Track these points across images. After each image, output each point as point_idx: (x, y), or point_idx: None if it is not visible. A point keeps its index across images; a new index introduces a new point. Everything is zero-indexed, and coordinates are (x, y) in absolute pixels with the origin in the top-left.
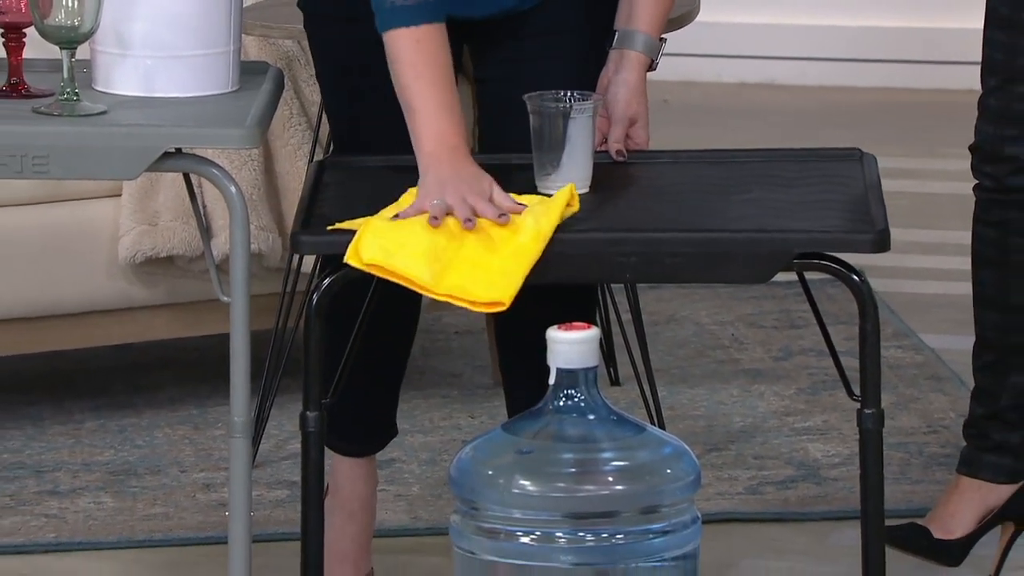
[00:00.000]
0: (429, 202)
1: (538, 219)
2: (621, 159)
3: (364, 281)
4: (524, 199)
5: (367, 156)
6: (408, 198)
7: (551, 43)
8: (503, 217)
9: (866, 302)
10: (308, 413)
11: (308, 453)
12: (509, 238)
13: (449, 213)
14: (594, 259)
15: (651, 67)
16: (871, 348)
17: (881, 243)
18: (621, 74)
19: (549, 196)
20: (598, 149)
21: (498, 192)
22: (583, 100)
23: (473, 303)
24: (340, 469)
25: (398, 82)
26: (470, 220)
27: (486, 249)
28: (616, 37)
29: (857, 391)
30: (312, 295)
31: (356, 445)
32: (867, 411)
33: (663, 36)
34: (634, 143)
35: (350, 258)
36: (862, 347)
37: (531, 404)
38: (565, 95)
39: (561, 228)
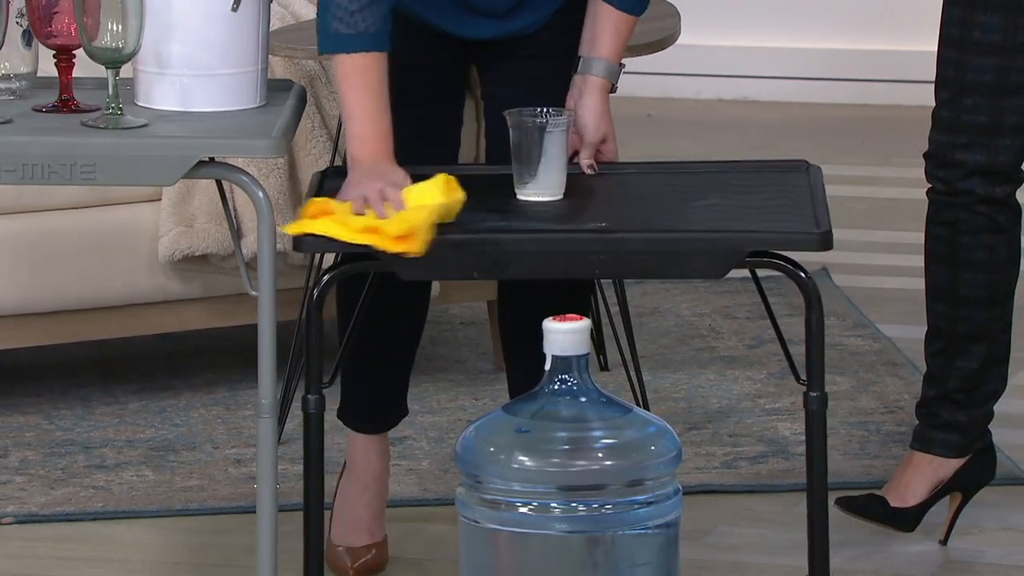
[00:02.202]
0: (350, 195)
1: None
2: (592, 172)
3: (366, 277)
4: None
5: None
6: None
7: (548, 65)
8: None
9: (811, 296)
10: (309, 396)
11: (309, 431)
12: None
13: (367, 204)
14: (567, 257)
15: (612, 89)
16: (816, 337)
17: (824, 242)
18: (585, 99)
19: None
20: (570, 163)
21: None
22: (557, 116)
23: (386, 248)
24: (356, 445)
25: (340, 96)
26: (381, 205)
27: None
28: (580, 63)
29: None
30: (312, 292)
31: (371, 423)
32: (812, 394)
33: (622, 62)
34: (604, 157)
35: (289, 229)
36: (808, 336)
37: (531, 387)
38: (541, 111)
39: (537, 230)
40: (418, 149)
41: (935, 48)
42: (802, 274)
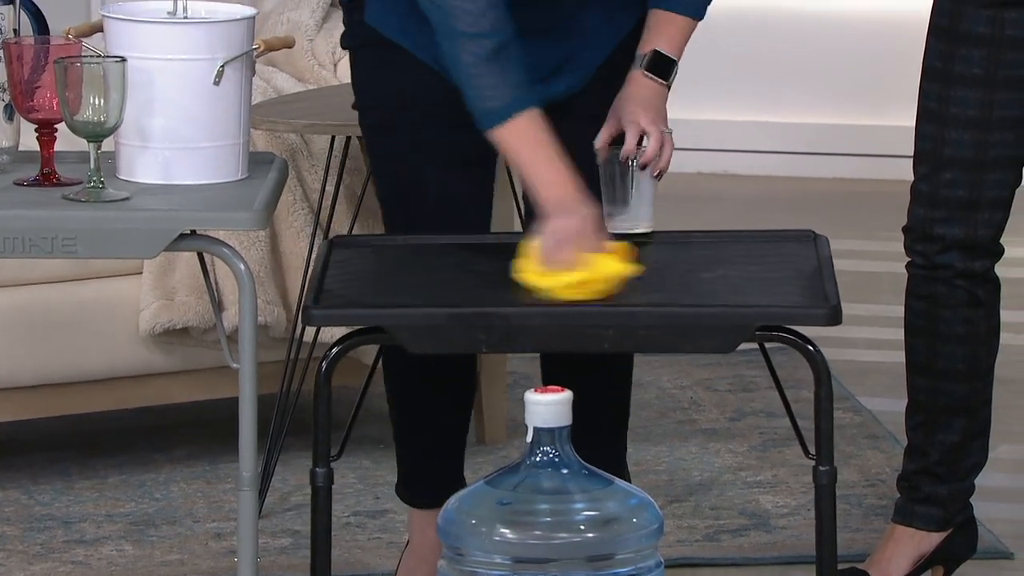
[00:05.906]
0: (552, 256)
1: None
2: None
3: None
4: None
5: (371, 236)
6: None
7: (591, 127)
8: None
9: (820, 370)
10: (317, 469)
11: (317, 505)
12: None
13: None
14: (575, 331)
15: (664, 82)
16: (825, 411)
17: (834, 317)
18: (626, 88)
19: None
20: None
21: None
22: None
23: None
24: (413, 520)
25: (513, 166)
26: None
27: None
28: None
29: (812, 450)
30: (322, 363)
31: (425, 498)
32: (822, 468)
33: (675, 58)
34: (649, 157)
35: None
36: (817, 410)
37: None
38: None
39: (544, 303)
40: (451, 214)
41: (913, 123)
42: (811, 348)
